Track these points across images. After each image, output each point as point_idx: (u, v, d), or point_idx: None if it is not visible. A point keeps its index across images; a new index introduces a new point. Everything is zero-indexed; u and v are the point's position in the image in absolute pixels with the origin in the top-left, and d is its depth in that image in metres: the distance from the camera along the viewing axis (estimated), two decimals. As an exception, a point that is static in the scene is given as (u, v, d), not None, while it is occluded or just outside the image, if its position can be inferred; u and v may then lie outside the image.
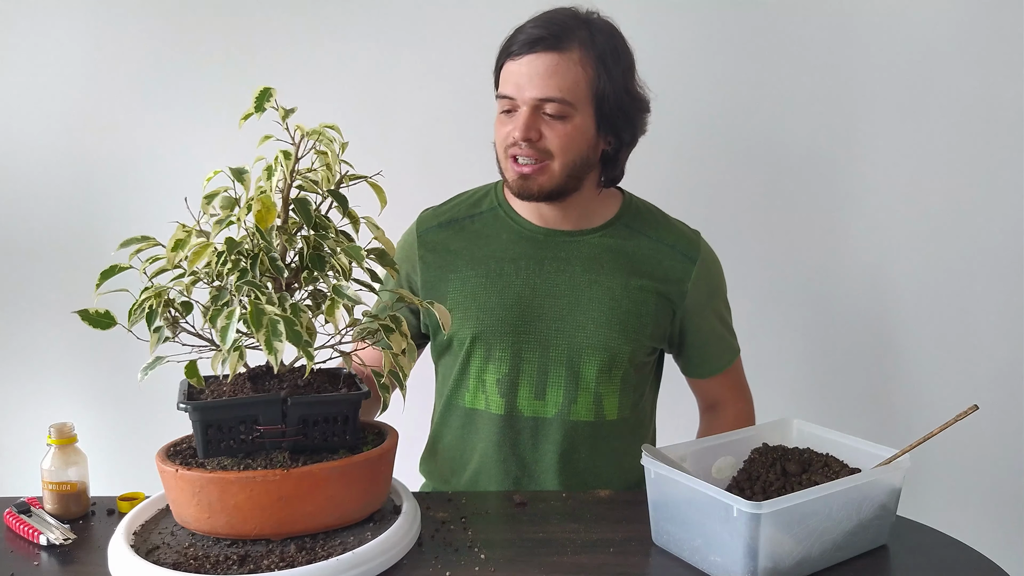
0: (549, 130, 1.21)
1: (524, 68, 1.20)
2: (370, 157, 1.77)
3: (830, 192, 1.77)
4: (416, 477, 1.43)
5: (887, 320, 1.80)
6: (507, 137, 1.23)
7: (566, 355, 1.28)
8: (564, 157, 1.22)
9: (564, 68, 1.19)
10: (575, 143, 1.23)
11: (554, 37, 1.20)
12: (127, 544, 0.96)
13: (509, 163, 1.25)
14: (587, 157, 1.25)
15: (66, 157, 1.79)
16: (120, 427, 1.83)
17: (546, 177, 1.23)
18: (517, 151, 1.23)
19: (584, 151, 1.24)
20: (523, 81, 1.20)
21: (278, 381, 1.01)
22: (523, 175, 1.23)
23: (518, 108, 1.22)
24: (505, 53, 1.24)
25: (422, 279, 1.34)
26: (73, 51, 1.75)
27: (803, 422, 1.18)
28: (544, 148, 1.22)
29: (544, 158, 1.22)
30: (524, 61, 1.20)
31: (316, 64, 1.75)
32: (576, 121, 1.22)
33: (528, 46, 1.20)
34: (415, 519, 1.04)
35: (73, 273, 1.81)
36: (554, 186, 1.24)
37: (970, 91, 1.70)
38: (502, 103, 1.25)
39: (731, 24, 1.72)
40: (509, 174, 1.26)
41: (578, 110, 1.21)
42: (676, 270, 1.31)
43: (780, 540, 0.92)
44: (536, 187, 1.24)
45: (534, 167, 1.22)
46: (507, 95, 1.23)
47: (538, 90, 1.19)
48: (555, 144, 1.22)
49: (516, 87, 1.21)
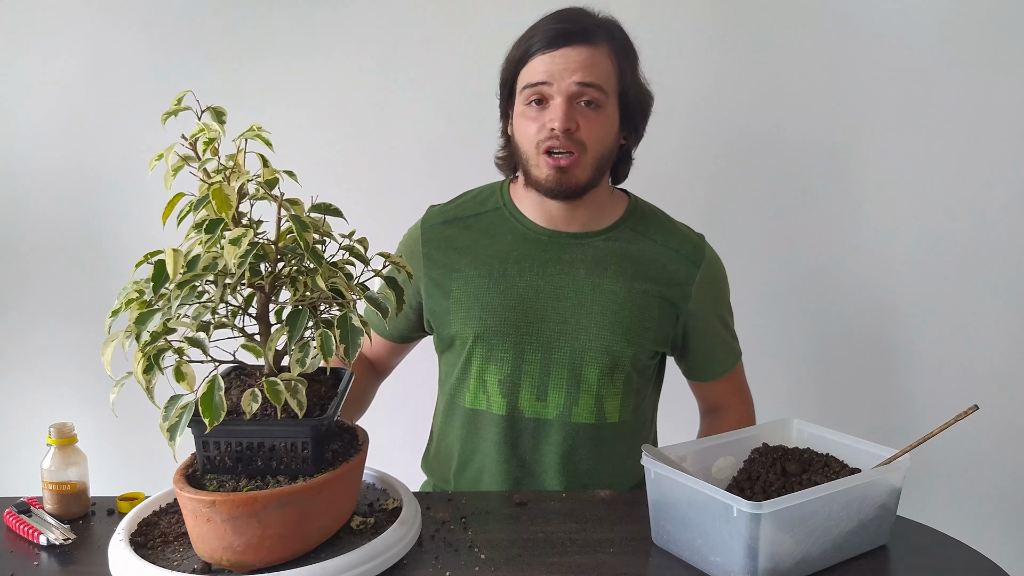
0: (584, 121, 1.21)
1: (559, 59, 1.20)
2: (372, 156, 1.79)
3: (830, 193, 1.77)
4: (416, 477, 1.43)
5: (887, 320, 1.80)
6: (541, 130, 1.21)
7: (568, 357, 1.28)
8: (596, 149, 1.22)
9: (598, 59, 1.20)
10: (607, 135, 1.23)
11: (583, 31, 1.20)
12: (127, 544, 0.95)
13: (542, 158, 1.22)
14: (612, 151, 1.27)
15: (67, 158, 1.79)
16: (120, 427, 1.83)
17: (580, 169, 1.22)
18: (554, 143, 1.20)
19: (611, 144, 1.25)
20: (558, 69, 1.19)
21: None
22: (560, 168, 1.21)
23: (550, 100, 1.21)
24: (527, 50, 1.23)
25: (426, 276, 1.34)
26: (74, 51, 1.75)
27: (803, 422, 1.18)
28: (579, 140, 1.21)
29: (578, 150, 1.21)
30: (559, 53, 1.20)
31: (317, 64, 1.75)
32: (608, 111, 1.22)
33: (561, 38, 1.20)
34: (415, 519, 1.04)
35: (73, 274, 1.81)
36: (587, 180, 1.23)
37: (972, 92, 1.70)
38: (529, 96, 1.22)
39: (733, 24, 1.72)
40: (542, 169, 1.23)
41: (609, 101, 1.22)
42: (680, 274, 1.31)
43: (780, 540, 0.92)
44: (574, 181, 1.22)
45: (570, 159, 1.21)
46: (541, 82, 1.20)
47: (578, 75, 1.19)
48: (589, 136, 1.21)
49: (551, 75, 1.19)
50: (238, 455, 0.93)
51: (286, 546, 0.91)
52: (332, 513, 0.96)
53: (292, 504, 0.89)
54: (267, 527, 0.88)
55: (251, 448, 0.93)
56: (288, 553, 0.91)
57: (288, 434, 0.92)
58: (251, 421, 0.91)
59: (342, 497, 0.97)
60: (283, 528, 0.89)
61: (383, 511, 1.06)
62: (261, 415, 0.92)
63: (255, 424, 0.92)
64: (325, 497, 0.93)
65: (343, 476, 0.95)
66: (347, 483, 0.97)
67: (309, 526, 0.92)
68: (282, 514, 0.89)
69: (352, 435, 1.05)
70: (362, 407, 1.46)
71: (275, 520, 0.89)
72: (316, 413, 0.94)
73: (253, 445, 0.93)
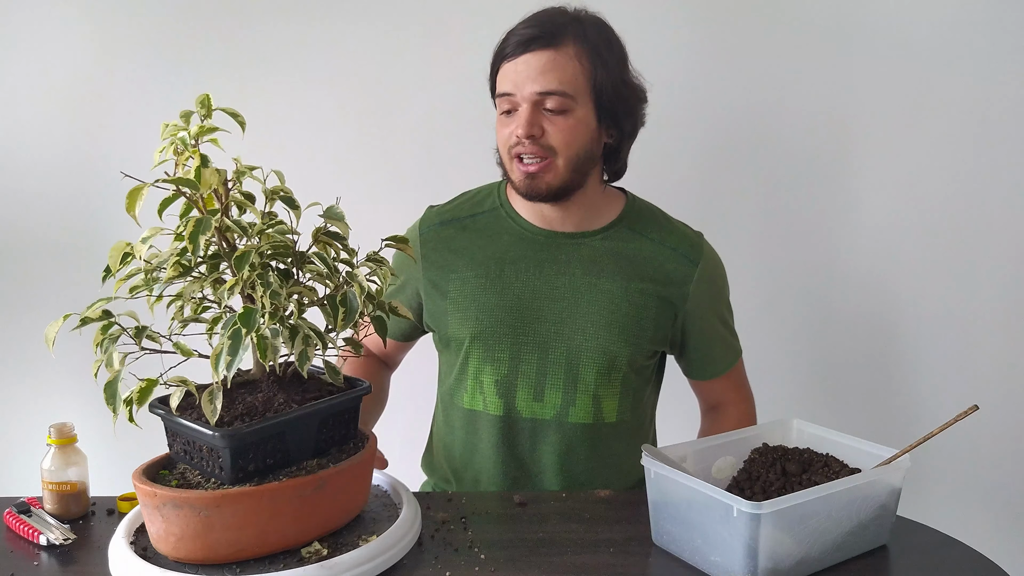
0: (551, 126, 1.21)
1: (521, 66, 1.21)
2: (373, 156, 1.79)
3: (831, 193, 1.77)
4: (416, 477, 1.43)
5: (887, 320, 1.80)
6: (509, 137, 1.23)
7: (565, 357, 1.28)
8: (568, 152, 1.22)
9: (561, 63, 1.20)
10: (578, 137, 1.23)
11: (548, 35, 1.21)
12: (127, 544, 0.95)
13: (514, 164, 1.25)
14: (590, 151, 1.25)
15: (67, 157, 1.79)
16: (120, 427, 1.82)
17: (552, 175, 1.23)
18: (521, 150, 1.22)
19: (587, 145, 1.24)
20: (520, 78, 1.21)
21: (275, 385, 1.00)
22: (529, 174, 1.23)
23: (518, 107, 1.22)
24: (500, 56, 1.25)
25: (424, 276, 1.34)
26: (74, 51, 1.75)
27: (803, 422, 1.18)
28: (547, 144, 1.22)
29: (548, 155, 1.22)
30: (520, 60, 1.21)
31: (317, 64, 1.75)
32: (578, 114, 1.22)
33: (523, 46, 1.21)
34: (415, 519, 1.04)
35: (74, 274, 1.81)
36: (560, 183, 1.24)
37: (971, 91, 1.70)
38: (501, 104, 1.25)
39: (732, 24, 1.72)
40: (515, 175, 1.25)
41: (578, 103, 1.21)
42: (678, 273, 1.31)
43: (780, 540, 0.92)
44: (544, 185, 1.23)
45: (540, 165, 1.22)
46: (506, 92, 1.23)
47: (537, 84, 1.19)
48: (558, 139, 1.21)
49: (514, 84, 1.21)
50: (186, 450, 0.97)
51: (188, 549, 0.91)
52: (248, 531, 0.91)
53: (187, 508, 0.89)
54: (169, 523, 0.90)
55: (191, 444, 0.96)
56: (195, 556, 0.91)
57: (206, 439, 0.92)
58: (185, 417, 0.94)
59: (261, 517, 0.91)
60: (181, 530, 0.90)
61: (349, 546, 0.96)
62: (197, 417, 0.93)
63: (186, 422, 0.93)
64: (233, 512, 0.90)
65: (252, 496, 0.90)
66: (263, 504, 0.91)
67: (212, 537, 0.90)
68: (178, 515, 0.89)
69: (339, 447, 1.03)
70: (380, 402, 1.46)
71: (174, 519, 0.90)
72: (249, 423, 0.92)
73: (191, 443, 0.95)
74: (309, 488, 0.93)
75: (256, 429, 0.91)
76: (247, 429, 0.91)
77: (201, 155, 0.90)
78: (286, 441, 0.95)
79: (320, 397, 0.99)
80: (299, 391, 1.00)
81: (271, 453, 0.94)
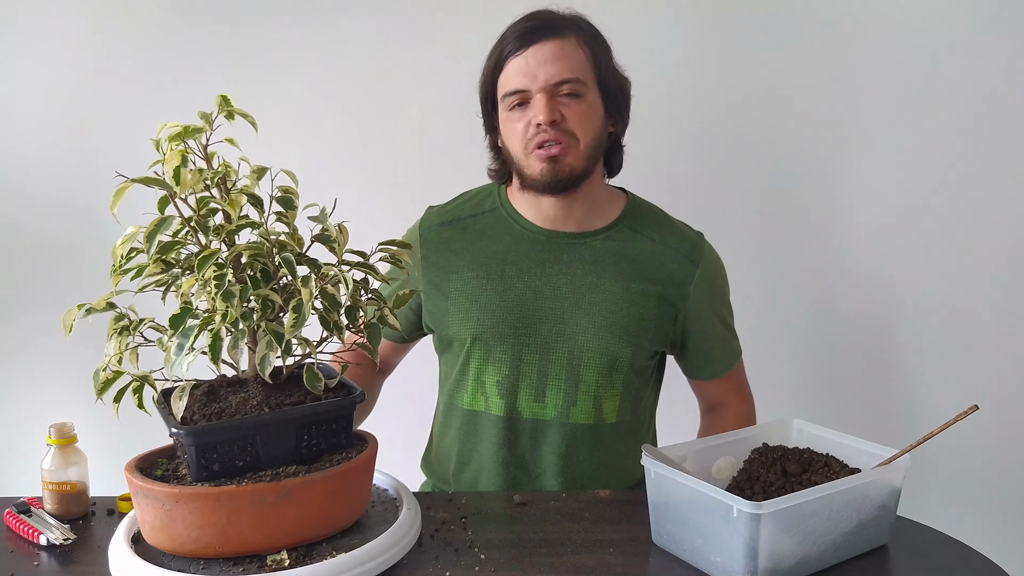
0: (568, 111, 1.22)
1: (530, 59, 1.21)
2: (373, 156, 1.79)
3: (831, 192, 1.77)
4: (415, 477, 1.43)
5: (887, 320, 1.80)
6: (527, 127, 1.23)
7: (566, 358, 1.28)
8: (586, 136, 1.23)
9: (569, 50, 1.21)
10: (593, 121, 1.24)
11: (549, 26, 1.22)
12: (127, 544, 0.96)
13: (533, 153, 1.23)
14: (601, 138, 1.27)
15: (67, 157, 1.79)
16: (120, 427, 1.82)
17: (573, 156, 1.23)
18: (543, 137, 1.21)
19: (600, 130, 1.26)
20: (532, 69, 1.21)
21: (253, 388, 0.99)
22: (552, 157, 1.22)
23: (530, 100, 1.22)
24: (501, 57, 1.24)
25: (424, 278, 1.34)
26: (74, 50, 1.75)
27: (803, 422, 1.18)
28: (567, 129, 1.22)
29: (568, 139, 1.22)
30: (528, 53, 1.21)
31: (317, 64, 1.75)
32: (590, 99, 1.23)
33: (527, 39, 1.21)
34: (415, 519, 1.04)
35: (74, 274, 1.81)
36: (582, 167, 1.24)
37: (971, 90, 1.70)
38: (510, 101, 1.24)
39: (731, 23, 1.72)
40: (534, 165, 1.23)
41: (589, 89, 1.23)
42: (678, 273, 1.31)
43: (780, 540, 0.92)
44: (568, 168, 1.23)
45: (561, 147, 1.22)
46: (519, 88, 1.22)
47: (552, 73, 1.20)
48: (577, 124, 1.22)
49: (527, 77, 1.21)
50: (176, 443, 0.98)
51: (158, 538, 0.93)
52: (209, 530, 0.90)
53: (152, 499, 0.91)
54: (143, 511, 0.93)
55: (176, 438, 0.97)
56: (164, 546, 0.93)
57: (175, 435, 0.93)
58: (162, 411, 0.95)
59: (219, 518, 0.90)
60: (152, 519, 0.92)
61: (317, 559, 0.93)
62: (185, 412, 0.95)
63: (163, 415, 0.95)
64: (190, 509, 0.90)
65: (208, 496, 0.89)
66: (220, 505, 0.90)
67: (175, 530, 0.91)
68: (148, 505, 0.92)
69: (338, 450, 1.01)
70: (368, 406, 1.46)
71: (145, 508, 0.93)
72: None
73: (174, 436, 0.96)
74: (271, 495, 0.91)
75: (217, 429, 0.92)
76: (206, 428, 0.91)
77: (182, 155, 0.90)
78: (256, 444, 0.94)
79: (303, 403, 0.98)
80: (285, 395, 0.99)
81: (239, 455, 0.94)
